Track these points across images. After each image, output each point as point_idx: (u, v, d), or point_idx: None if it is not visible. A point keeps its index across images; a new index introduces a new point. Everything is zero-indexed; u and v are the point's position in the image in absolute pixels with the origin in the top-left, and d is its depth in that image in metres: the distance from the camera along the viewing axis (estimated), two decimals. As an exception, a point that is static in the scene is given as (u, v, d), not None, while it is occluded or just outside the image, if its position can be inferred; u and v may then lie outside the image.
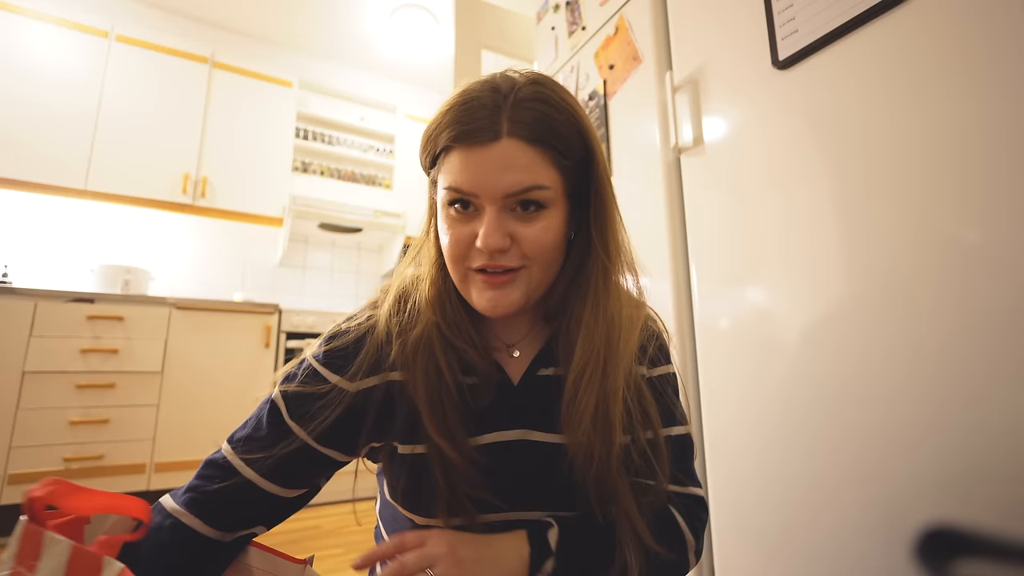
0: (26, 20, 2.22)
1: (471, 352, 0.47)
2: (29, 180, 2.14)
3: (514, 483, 0.47)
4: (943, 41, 0.63)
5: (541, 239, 0.43)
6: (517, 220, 0.43)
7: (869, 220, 0.69)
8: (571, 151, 0.44)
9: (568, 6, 1.51)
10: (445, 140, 0.42)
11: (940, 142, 0.62)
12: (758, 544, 0.81)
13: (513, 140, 0.41)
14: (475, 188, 0.42)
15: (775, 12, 0.85)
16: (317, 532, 1.88)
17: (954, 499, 0.58)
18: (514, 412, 0.49)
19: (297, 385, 0.47)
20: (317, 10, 2.79)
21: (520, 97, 0.42)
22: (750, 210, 0.88)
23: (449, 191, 0.43)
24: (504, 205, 0.42)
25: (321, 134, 3.06)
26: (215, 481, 0.45)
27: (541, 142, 0.42)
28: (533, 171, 0.42)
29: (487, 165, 0.41)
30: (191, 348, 2.07)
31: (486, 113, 0.41)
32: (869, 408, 0.67)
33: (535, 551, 0.43)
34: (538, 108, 0.42)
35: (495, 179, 0.41)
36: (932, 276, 0.62)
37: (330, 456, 0.48)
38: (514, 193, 0.41)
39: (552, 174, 0.43)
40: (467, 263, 0.44)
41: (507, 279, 0.44)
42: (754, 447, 0.84)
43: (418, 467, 0.46)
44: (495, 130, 0.41)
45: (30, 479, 1.73)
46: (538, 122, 0.41)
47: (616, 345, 0.46)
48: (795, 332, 0.78)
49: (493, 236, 0.41)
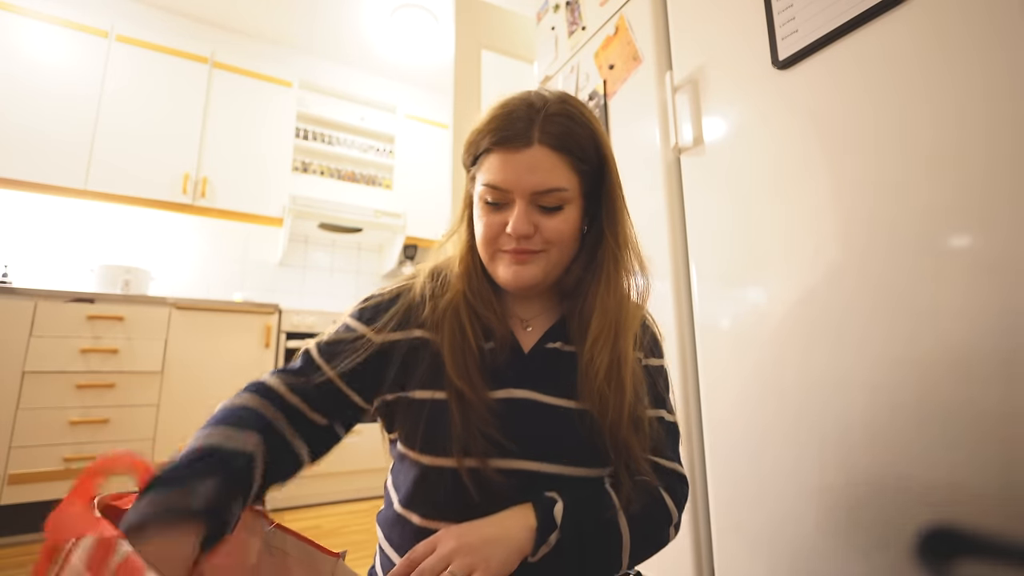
0: (26, 20, 2.21)
1: (491, 318, 0.55)
2: (29, 180, 2.14)
3: (521, 434, 0.51)
4: (943, 41, 0.63)
5: (560, 229, 0.52)
6: (541, 213, 0.52)
7: (869, 220, 0.69)
8: (588, 158, 0.53)
9: (568, 6, 1.51)
10: (487, 143, 0.52)
11: (940, 142, 0.62)
12: (758, 543, 0.81)
13: (542, 147, 0.50)
14: (508, 185, 0.51)
15: (775, 12, 0.85)
16: (317, 532, 1.88)
17: (955, 499, 0.58)
18: (523, 375, 0.55)
19: (328, 336, 0.56)
20: (317, 10, 2.79)
21: (550, 112, 0.51)
22: (750, 210, 0.89)
23: (486, 187, 0.52)
24: (531, 200, 0.51)
25: (321, 134, 3.06)
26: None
27: (564, 150, 0.51)
28: (556, 174, 0.51)
29: (519, 166, 0.50)
30: (191, 348, 2.07)
31: (522, 124, 0.50)
32: (869, 408, 0.67)
33: (541, 522, 0.47)
34: (564, 122, 0.51)
35: (526, 179, 0.50)
36: (932, 276, 0.62)
37: (351, 399, 0.54)
38: (540, 192, 0.51)
39: (571, 177, 0.52)
40: (497, 245, 0.53)
41: (529, 257, 0.53)
42: (754, 446, 0.84)
43: (436, 411, 0.52)
44: (528, 137, 0.50)
45: (30, 479, 1.73)
46: (563, 133, 0.51)
47: (625, 319, 0.55)
48: (795, 332, 0.78)
49: (521, 224, 0.51)
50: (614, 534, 0.49)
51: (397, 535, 0.54)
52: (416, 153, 3.17)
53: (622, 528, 0.50)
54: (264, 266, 2.86)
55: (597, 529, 0.49)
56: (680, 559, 0.95)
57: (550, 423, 0.53)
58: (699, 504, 0.94)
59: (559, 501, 0.48)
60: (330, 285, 3.03)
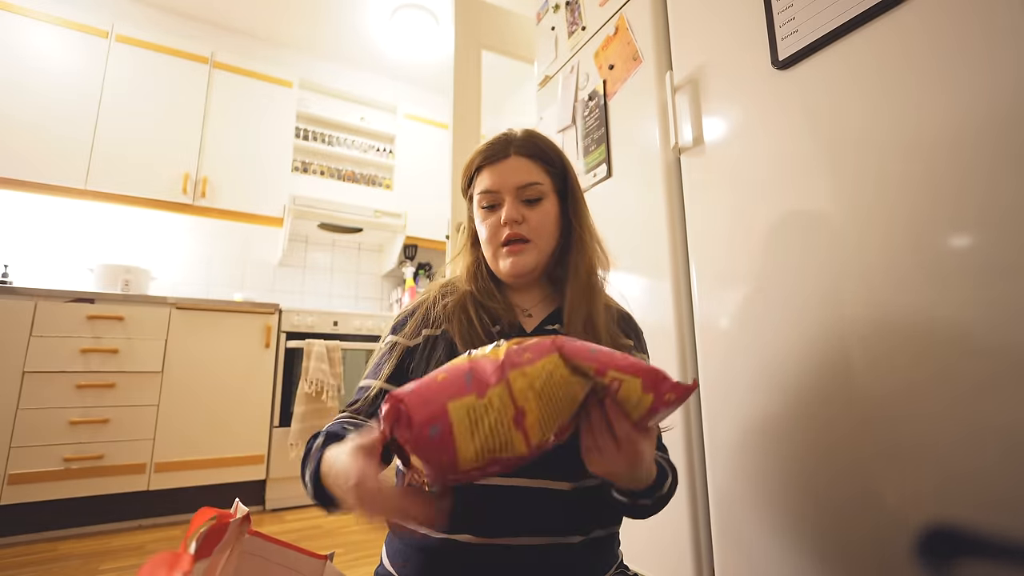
0: (26, 20, 2.21)
1: (496, 307, 0.67)
2: (29, 180, 2.14)
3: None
4: (943, 41, 0.63)
5: (542, 220, 0.67)
6: (525, 206, 0.66)
7: (869, 220, 0.69)
8: (553, 162, 0.69)
9: (568, 6, 1.51)
10: (478, 162, 0.69)
11: (940, 142, 0.62)
12: (758, 544, 0.81)
13: (517, 156, 0.67)
14: (497, 186, 0.67)
15: (775, 12, 0.85)
16: (317, 532, 1.88)
17: (955, 500, 0.58)
18: None
19: (371, 362, 0.69)
20: (317, 10, 2.79)
21: (519, 136, 0.69)
22: (750, 210, 0.89)
23: (482, 194, 0.68)
24: (517, 195, 0.66)
25: (321, 134, 3.06)
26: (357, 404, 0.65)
27: (534, 156, 0.68)
28: (531, 172, 0.67)
29: (503, 171, 0.67)
30: (191, 348, 2.07)
31: (501, 144, 0.68)
32: (870, 407, 0.67)
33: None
34: (531, 138, 0.69)
35: (510, 178, 0.66)
36: (932, 276, 0.62)
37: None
38: (522, 186, 0.66)
39: (543, 176, 0.68)
40: (497, 239, 0.66)
41: (522, 248, 0.66)
42: (755, 446, 0.84)
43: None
44: (507, 152, 0.67)
45: (30, 479, 1.73)
46: (532, 145, 0.68)
47: (595, 282, 0.68)
48: (795, 332, 0.79)
49: (512, 211, 0.65)
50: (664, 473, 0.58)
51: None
52: (416, 153, 3.17)
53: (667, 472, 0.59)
54: (264, 266, 2.86)
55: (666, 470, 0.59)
56: (680, 559, 0.95)
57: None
58: (699, 504, 0.94)
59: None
60: (330, 285, 3.03)
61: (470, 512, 0.54)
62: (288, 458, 2.16)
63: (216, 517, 0.41)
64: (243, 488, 2.09)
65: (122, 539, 1.78)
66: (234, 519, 0.43)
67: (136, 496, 1.91)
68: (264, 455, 2.14)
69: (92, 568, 1.52)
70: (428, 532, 0.55)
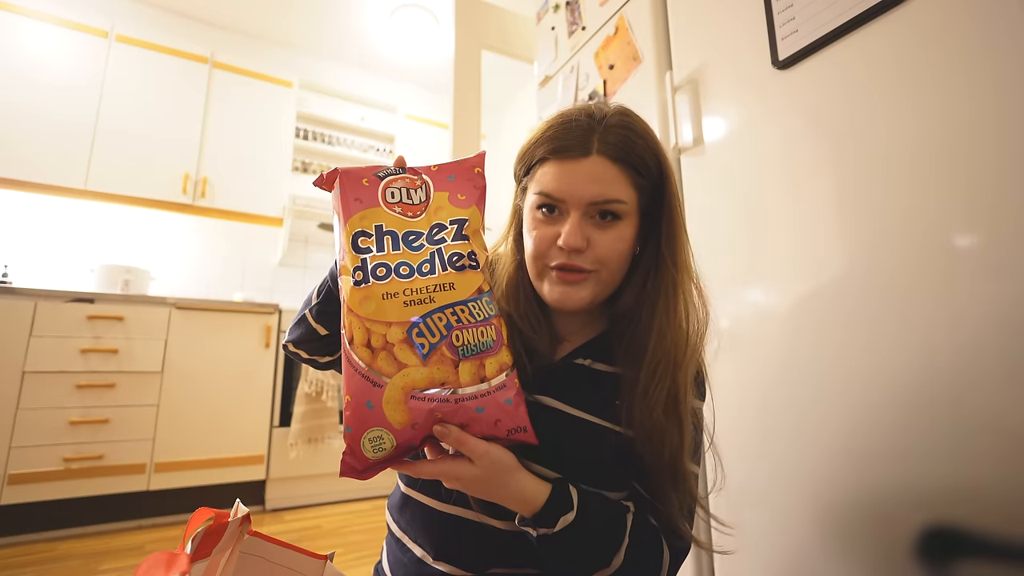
0: (26, 20, 2.21)
1: (538, 341, 0.54)
2: (29, 180, 2.14)
3: (540, 437, 0.48)
4: (944, 40, 0.63)
5: (614, 247, 0.50)
6: (595, 227, 0.50)
7: (869, 220, 0.69)
8: (648, 172, 0.51)
9: (568, 6, 1.51)
10: (542, 153, 0.51)
11: (940, 142, 0.62)
12: (758, 544, 0.81)
13: (600, 157, 0.49)
14: (564, 195, 0.50)
15: (775, 12, 0.85)
16: (317, 532, 1.88)
17: (954, 500, 0.58)
18: (546, 382, 0.54)
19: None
20: (317, 10, 2.79)
21: (610, 123, 0.50)
22: (750, 210, 0.88)
23: (540, 196, 0.51)
24: (586, 212, 0.50)
25: (321, 134, 3.06)
26: None
27: (624, 161, 0.49)
28: (614, 186, 0.49)
29: (577, 176, 0.49)
30: (191, 348, 2.07)
31: (580, 133, 0.49)
32: (870, 407, 0.67)
33: (555, 493, 0.46)
34: (624, 133, 0.50)
35: (582, 188, 0.49)
36: (933, 276, 0.62)
37: None
38: (596, 202, 0.49)
39: (630, 191, 0.50)
40: (546, 260, 0.52)
41: (579, 278, 0.51)
42: (755, 447, 0.84)
43: None
44: (587, 147, 0.49)
45: (30, 479, 1.73)
46: (623, 144, 0.49)
47: (684, 350, 0.51)
48: (796, 332, 0.78)
49: (574, 236, 0.49)
50: (618, 531, 0.47)
51: (404, 518, 0.56)
52: (416, 153, 3.16)
53: (626, 535, 0.47)
54: (264, 266, 2.86)
55: (604, 523, 0.46)
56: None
57: (571, 432, 0.51)
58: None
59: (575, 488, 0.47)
60: (330, 285, 3.03)
61: (451, 543, 0.51)
62: (288, 458, 2.16)
63: (214, 517, 0.41)
64: (243, 488, 2.09)
65: (122, 539, 1.78)
66: (233, 519, 0.43)
67: (136, 496, 1.91)
68: (264, 455, 2.14)
69: (92, 568, 1.53)
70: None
